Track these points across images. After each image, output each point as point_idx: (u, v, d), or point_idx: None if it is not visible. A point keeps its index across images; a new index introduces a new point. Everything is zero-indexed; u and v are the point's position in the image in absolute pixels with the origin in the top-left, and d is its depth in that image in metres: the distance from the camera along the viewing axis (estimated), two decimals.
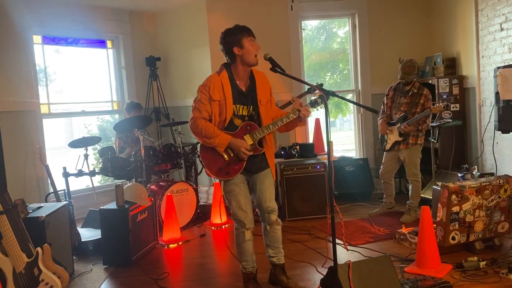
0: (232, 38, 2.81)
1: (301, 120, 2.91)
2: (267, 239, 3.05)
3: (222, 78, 2.84)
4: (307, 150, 5.40)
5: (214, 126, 2.83)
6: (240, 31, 2.83)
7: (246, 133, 2.86)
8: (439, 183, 3.47)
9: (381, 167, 4.74)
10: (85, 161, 4.39)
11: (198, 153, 2.88)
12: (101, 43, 6.04)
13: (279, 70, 2.77)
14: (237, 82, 2.88)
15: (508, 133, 3.92)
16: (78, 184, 5.30)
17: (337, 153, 6.21)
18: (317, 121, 5.91)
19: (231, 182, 2.90)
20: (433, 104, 4.44)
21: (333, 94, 2.61)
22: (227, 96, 2.81)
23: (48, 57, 5.45)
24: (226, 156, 2.85)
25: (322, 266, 3.41)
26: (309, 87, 2.75)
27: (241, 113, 2.88)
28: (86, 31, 5.70)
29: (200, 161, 2.96)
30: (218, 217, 4.78)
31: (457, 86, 5.18)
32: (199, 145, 2.82)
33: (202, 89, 2.85)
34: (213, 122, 2.84)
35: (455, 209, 3.36)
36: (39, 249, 2.80)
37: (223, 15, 5.73)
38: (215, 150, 2.83)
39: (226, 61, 2.93)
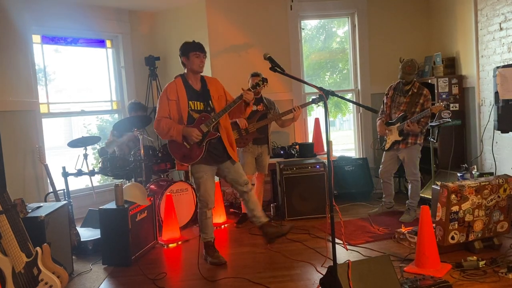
0: (183, 51, 3.52)
1: (247, 104, 3.51)
2: (251, 204, 3.70)
3: (177, 83, 3.55)
4: (307, 150, 5.41)
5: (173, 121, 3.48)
6: (189, 47, 3.51)
7: (202, 123, 3.48)
8: (439, 183, 3.47)
9: (381, 166, 4.74)
10: (85, 160, 4.39)
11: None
12: (101, 43, 6.04)
13: (278, 69, 2.77)
14: (191, 84, 3.58)
15: (508, 132, 3.92)
16: (77, 183, 5.29)
17: (336, 152, 6.21)
18: (317, 121, 5.91)
19: (201, 169, 3.54)
20: (432, 104, 4.45)
21: (333, 93, 2.60)
22: (180, 95, 3.49)
23: (47, 57, 5.45)
24: (187, 144, 3.47)
25: (321, 266, 3.41)
26: (314, 98, 3.00)
27: (198, 108, 3.54)
28: (85, 30, 5.70)
29: (169, 151, 3.58)
30: (218, 217, 4.78)
31: (456, 86, 5.18)
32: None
33: (161, 95, 3.56)
34: (172, 119, 3.49)
35: (455, 208, 3.36)
36: (38, 248, 2.80)
37: (222, 14, 5.73)
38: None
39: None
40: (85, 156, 4.39)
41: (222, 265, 3.60)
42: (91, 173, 4.45)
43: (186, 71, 3.60)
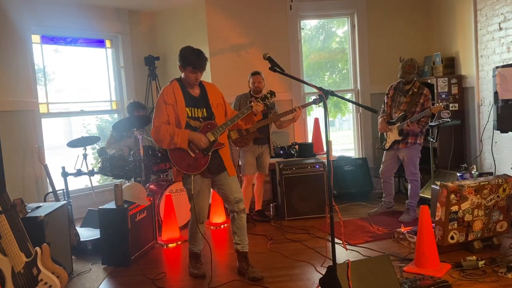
0: (181, 60, 3.22)
1: (255, 114, 3.34)
2: (234, 226, 3.39)
3: (174, 87, 3.26)
4: (306, 150, 5.41)
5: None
6: (188, 60, 3.18)
7: (208, 131, 3.23)
8: (438, 183, 3.47)
9: (381, 166, 4.74)
10: (84, 160, 4.39)
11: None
12: (100, 43, 6.03)
13: (278, 69, 2.78)
14: (188, 89, 3.30)
15: (507, 132, 3.92)
16: (77, 183, 5.29)
17: (336, 152, 6.21)
18: (316, 121, 5.91)
19: (194, 181, 3.23)
20: (432, 104, 4.45)
21: (332, 93, 2.61)
22: (178, 100, 3.21)
23: (46, 57, 5.45)
24: (192, 153, 3.20)
25: (321, 266, 3.41)
26: (314, 98, 2.92)
27: (196, 115, 3.27)
28: (85, 30, 5.70)
29: (170, 160, 3.29)
30: (217, 217, 4.79)
31: (456, 86, 5.18)
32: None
33: (158, 100, 3.26)
34: (171, 126, 3.21)
35: (454, 208, 3.36)
36: (38, 248, 2.80)
37: (222, 14, 5.73)
38: (182, 149, 3.17)
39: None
40: (85, 156, 4.39)
41: (201, 277, 3.39)
42: (91, 173, 4.45)
43: (184, 77, 3.29)
